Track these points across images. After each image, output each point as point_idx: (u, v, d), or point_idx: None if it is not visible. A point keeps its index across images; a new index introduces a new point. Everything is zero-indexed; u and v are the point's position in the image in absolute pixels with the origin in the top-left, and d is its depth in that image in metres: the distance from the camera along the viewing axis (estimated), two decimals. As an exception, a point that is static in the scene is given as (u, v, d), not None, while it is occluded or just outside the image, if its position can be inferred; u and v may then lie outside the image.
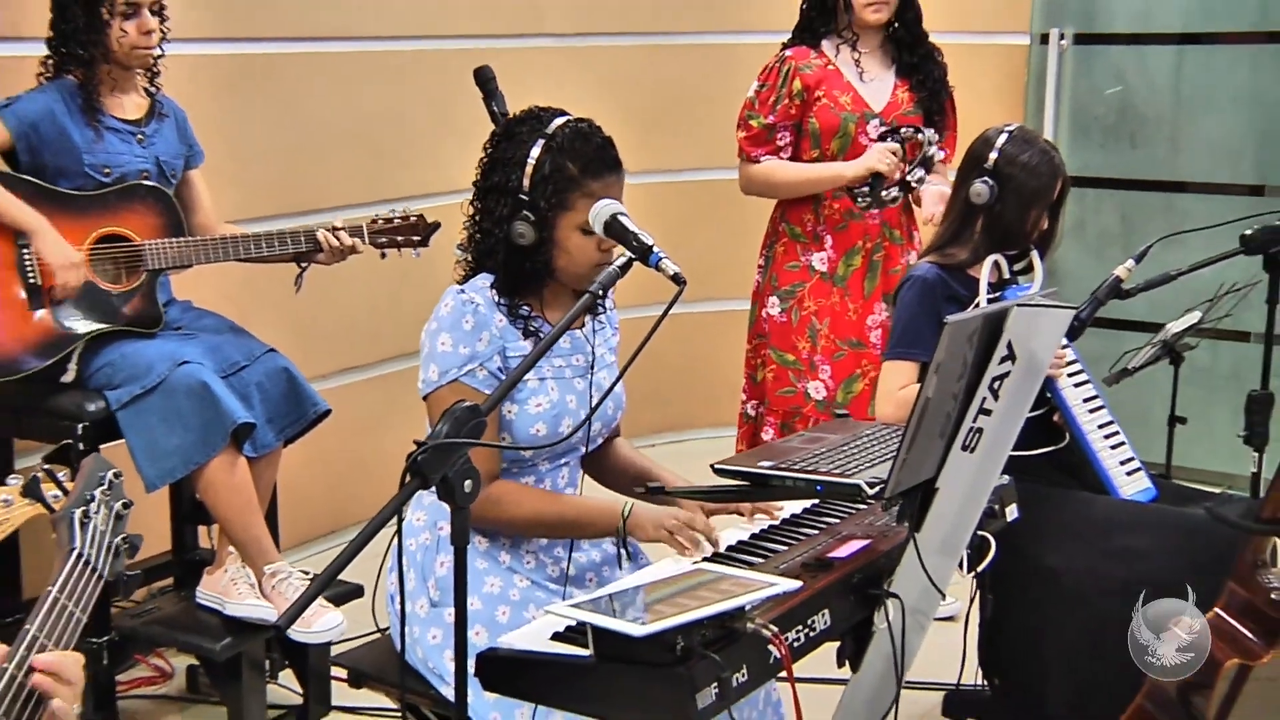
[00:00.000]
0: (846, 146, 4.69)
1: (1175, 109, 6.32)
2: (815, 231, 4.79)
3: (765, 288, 4.90)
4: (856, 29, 4.72)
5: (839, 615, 2.67)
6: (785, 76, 4.72)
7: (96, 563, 2.00)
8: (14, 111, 4.08)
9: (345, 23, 5.38)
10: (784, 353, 4.82)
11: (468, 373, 3.04)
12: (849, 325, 4.78)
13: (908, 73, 4.78)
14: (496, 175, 3.11)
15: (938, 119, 4.79)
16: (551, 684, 2.50)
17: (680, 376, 6.09)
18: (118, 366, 4.02)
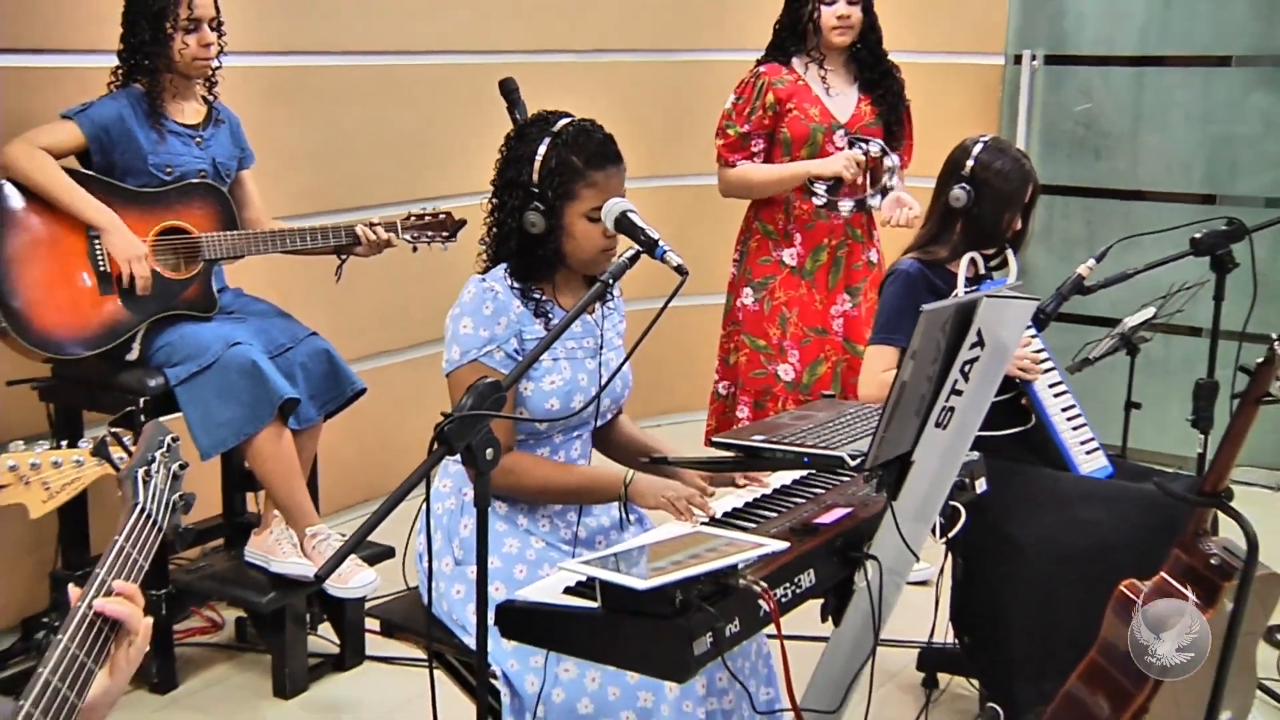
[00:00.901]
0: (815, 154, 4.70)
1: (1134, 125, 6.32)
2: (786, 229, 4.80)
3: (740, 279, 4.91)
4: (824, 49, 4.73)
5: (823, 575, 2.68)
6: (760, 90, 4.73)
7: (157, 516, 2.01)
8: (88, 116, 4.09)
9: (382, 39, 5.38)
10: (756, 338, 4.83)
11: (486, 353, 3.05)
12: (815, 314, 4.79)
13: (869, 88, 4.79)
14: (509, 171, 3.13)
15: (896, 129, 4.80)
16: (563, 633, 2.51)
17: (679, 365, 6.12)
18: (176, 347, 4.04)
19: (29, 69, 4.29)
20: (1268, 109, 6.07)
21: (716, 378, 5.01)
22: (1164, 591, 3.16)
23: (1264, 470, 5.93)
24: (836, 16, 4.65)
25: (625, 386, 3.31)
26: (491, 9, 5.75)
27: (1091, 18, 6.34)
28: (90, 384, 4.11)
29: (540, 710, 2.88)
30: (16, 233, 4.00)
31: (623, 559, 2.48)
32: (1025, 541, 3.63)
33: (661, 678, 2.64)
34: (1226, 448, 3.17)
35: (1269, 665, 4.18)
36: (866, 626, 2.75)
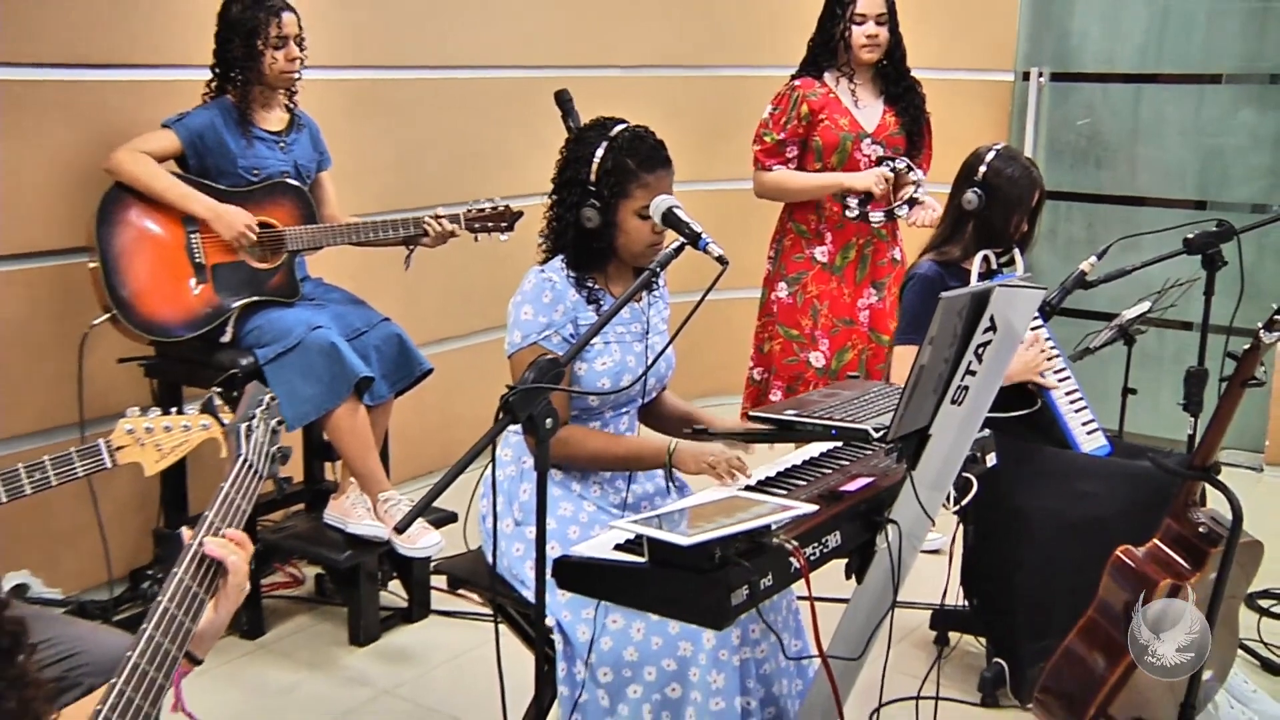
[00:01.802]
0: (844, 160, 4.70)
1: (1133, 136, 6.29)
2: (817, 229, 4.79)
3: (775, 275, 4.90)
4: (853, 65, 4.73)
5: (848, 536, 2.69)
6: (795, 101, 4.72)
7: (258, 465, 2.05)
8: (184, 125, 4.14)
9: (448, 55, 5.40)
10: (790, 328, 4.83)
11: (545, 337, 3.07)
12: (843, 307, 4.79)
13: (893, 101, 4.78)
14: (568, 171, 3.15)
15: (917, 138, 4.80)
16: (614, 585, 2.53)
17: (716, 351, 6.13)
18: (264, 329, 4.08)
19: (133, 82, 4.34)
20: (1254, 123, 6.05)
21: (751, 364, 5.00)
22: (1156, 557, 3.18)
23: (1247, 452, 5.92)
24: (865, 35, 4.66)
25: (669, 367, 3.32)
26: (546, 28, 5.77)
27: (1094, 38, 6.32)
28: (189, 362, 4.15)
29: (591, 657, 2.90)
30: (124, 231, 4.06)
31: (667, 519, 2.50)
32: (1030, 512, 3.64)
33: (702, 625, 2.65)
34: (1215, 426, 3.17)
35: (1250, 627, 4.18)
36: (886, 584, 2.75)
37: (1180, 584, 3.09)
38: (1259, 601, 4.41)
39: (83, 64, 4.22)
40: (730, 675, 2.86)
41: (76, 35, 4.20)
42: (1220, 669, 3.41)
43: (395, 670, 4.05)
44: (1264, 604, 4.41)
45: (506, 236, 4.34)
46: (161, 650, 1.73)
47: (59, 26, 4.15)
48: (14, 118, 4.08)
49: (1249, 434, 5.92)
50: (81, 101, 4.22)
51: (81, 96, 4.22)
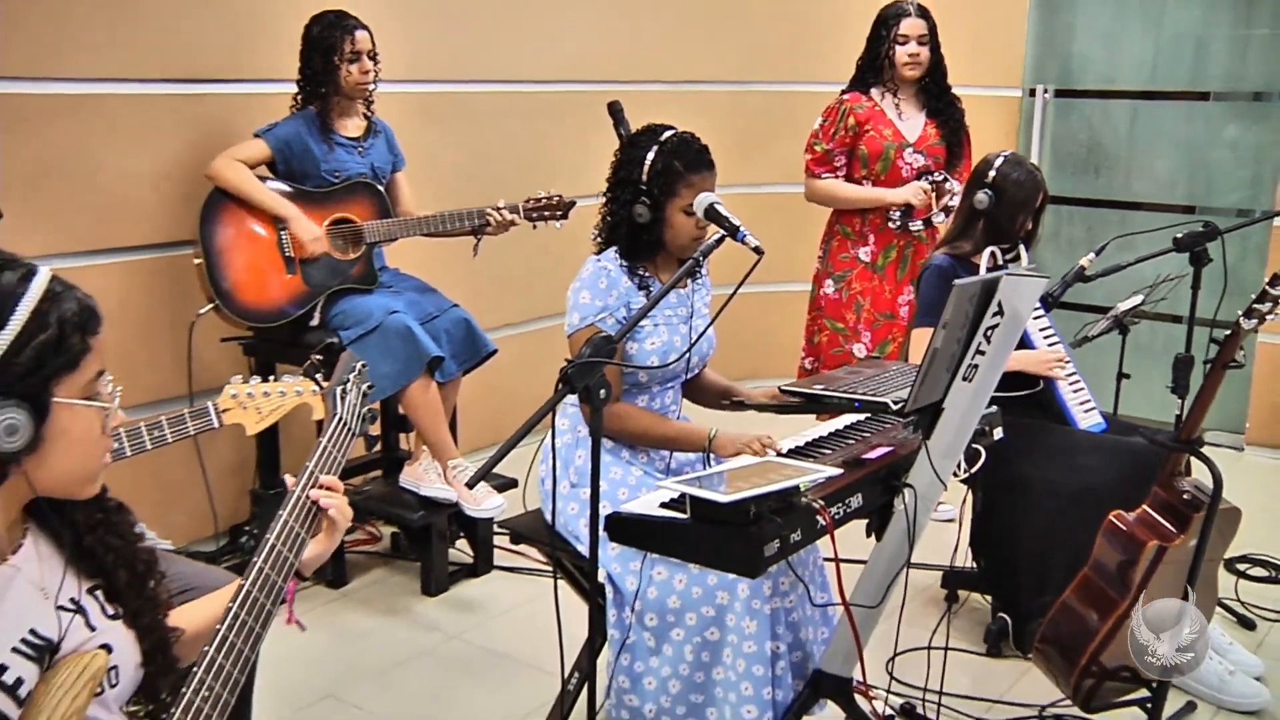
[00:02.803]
0: (887, 168, 4.69)
1: (1129, 148, 6.27)
2: (862, 231, 4.79)
3: (823, 273, 4.90)
4: (897, 81, 4.73)
5: (869, 498, 2.71)
6: (843, 114, 4.73)
7: (351, 424, 2.08)
8: (273, 134, 4.19)
9: (510, 69, 5.42)
10: (836, 322, 4.84)
11: (600, 318, 3.09)
12: (885, 303, 4.79)
13: (934, 114, 4.76)
14: (622, 172, 3.17)
15: (956, 149, 4.77)
16: (659, 538, 2.56)
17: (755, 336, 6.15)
18: (347, 314, 4.12)
19: (230, 95, 4.39)
20: (1238, 137, 6.02)
21: (802, 355, 5.00)
22: (1145, 521, 3.19)
23: (1229, 434, 5.89)
24: (908, 55, 4.66)
25: (710, 347, 3.34)
26: (600, 46, 5.78)
27: (1094, 59, 6.30)
28: (281, 343, 4.20)
29: (637, 604, 2.94)
30: (223, 230, 4.12)
31: (706, 481, 2.52)
32: (1033, 482, 3.64)
33: (738, 573, 2.69)
34: (1199, 403, 3.18)
35: (1229, 588, 4.19)
36: (902, 541, 2.76)
37: (1166, 546, 3.10)
38: (1237, 566, 4.40)
39: (187, 79, 4.28)
40: (762, 622, 2.88)
41: (182, 55, 4.25)
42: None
43: (462, 618, 4.08)
44: (1241, 568, 4.41)
45: (561, 224, 4.36)
46: (268, 580, 1.78)
47: (167, 47, 4.21)
48: (131, 127, 4.14)
49: (1231, 417, 5.89)
50: (186, 113, 4.28)
51: (186, 108, 4.28)
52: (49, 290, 1.58)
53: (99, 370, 1.63)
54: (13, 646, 1.56)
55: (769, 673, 2.90)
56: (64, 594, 1.66)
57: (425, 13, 5.04)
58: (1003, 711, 3.46)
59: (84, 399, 1.61)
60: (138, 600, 1.74)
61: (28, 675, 1.56)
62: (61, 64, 3.95)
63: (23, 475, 1.58)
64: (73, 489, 1.66)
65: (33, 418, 1.54)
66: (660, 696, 2.97)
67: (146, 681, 1.74)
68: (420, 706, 3.51)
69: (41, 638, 1.60)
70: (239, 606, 1.71)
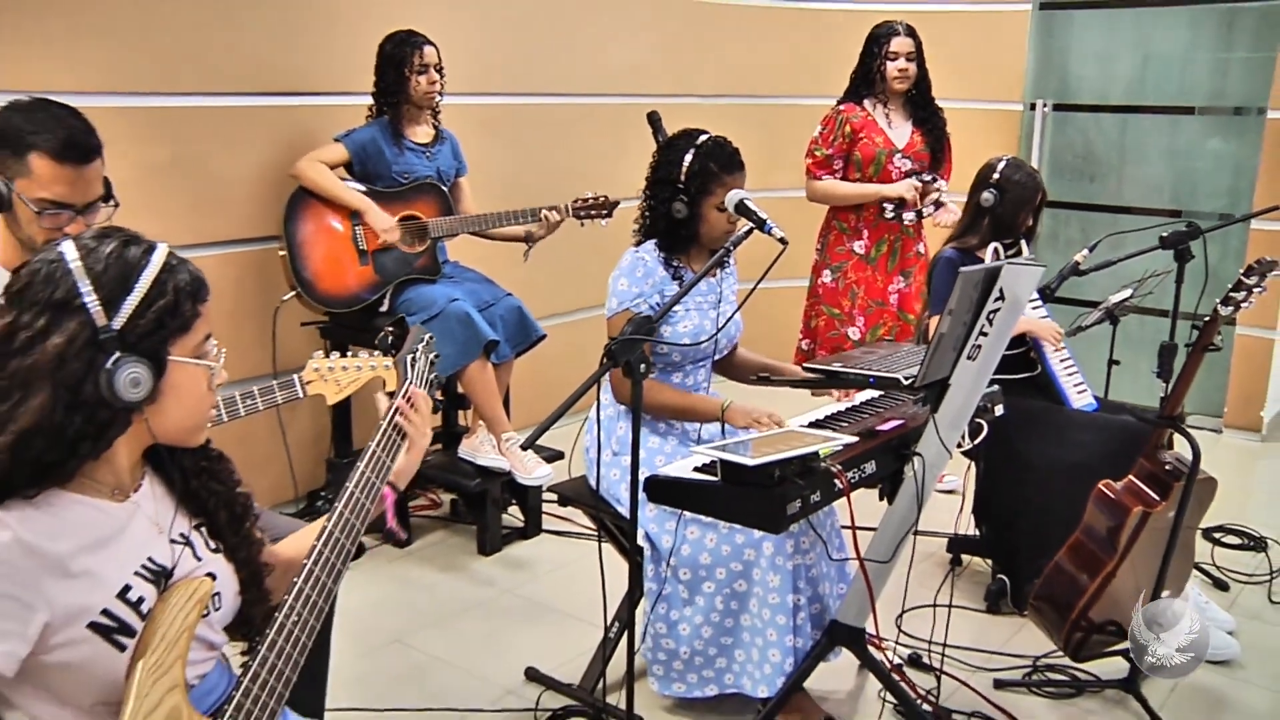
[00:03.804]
0: (879, 171, 4.72)
1: (1120, 157, 6.23)
2: (856, 226, 4.81)
3: (820, 264, 4.92)
4: (887, 94, 4.75)
5: (881, 465, 2.74)
6: (840, 123, 4.75)
7: (422, 388, 2.13)
8: (351, 138, 4.24)
9: (558, 84, 5.45)
10: (832, 308, 4.85)
11: (636, 303, 3.11)
12: (877, 291, 4.81)
13: (920, 123, 4.79)
14: (660, 172, 3.19)
15: (939, 153, 4.81)
16: (693, 498, 2.59)
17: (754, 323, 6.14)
18: (413, 301, 4.16)
19: (313, 106, 4.44)
20: (1220, 148, 5.98)
21: (800, 337, 5.03)
22: (1131, 489, 3.20)
23: (1209, 417, 5.87)
24: (898, 69, 4.68)
25: (737, 330, 3.36)
26: (639, 63, 5.80)
27: (1089, 76, 6.27)
28: (354, 328, 4.23)
29: (672, 560, 2.98)
30: (305, 224, 4.17)
31: (735, 447, 2.55)
32: (1030, 456, 3.65)
33: (763, 530, 2.72)
34: (1181, 382, 3.19)
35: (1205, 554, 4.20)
36: (911, 504, 2.78)
37: (1149, 511, 3.11)
38: (1214, 535, 4.40)
39: (273, 93, 4.33)
40: (784, 577, 2.92)
41: (269, 72, 4.31)
42: (1177, 586, 3.42)
43: (513, 574, 4.12)
44: (1218, 536, 4.41)
45: (606, 222, 4.38)
46: (357, 502, 1.83)
47: (258, 64, 4.26)
48: (225, 134, 4.20)
49: (1210, 402, 5.87)
50: (275, 121, 4.34)
51: (275, 118, 4.33)
52: (167, 263, 1.63)
53: (206, 334, 1.68)
54: (135, 570, 1.62)
55: (790, 622, 2.93)
56: (175, 528, 1.71)
57: (485, 35, 5.07)
58: (1001, 662, 3.47)
59: (194, 358, 1.66)
60: (235, 537, 1.79)
61: (148, 595, 1.62)
62: (173, 80, 4.02)
63: (143, 423, 1.63)
64: (183, 437, 1.71)
65: (152, 373, 1.59)
66: (693, 641, 3.02)
67: (243, 608, 1.79)
68: (476, 651, 3.55)
69: (158, 565, 1.66)
70: (322, 544, 1.76)
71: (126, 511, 1.65)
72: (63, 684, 1.57)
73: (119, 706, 1.55)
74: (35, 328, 1.54)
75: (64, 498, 1.58)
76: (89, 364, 1.55)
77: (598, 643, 3.29)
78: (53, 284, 1.56)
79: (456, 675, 3.40)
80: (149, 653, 1.57)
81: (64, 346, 1.54)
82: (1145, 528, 3.11)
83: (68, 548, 1.55)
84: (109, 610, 1.57)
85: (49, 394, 1.53)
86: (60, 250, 1.59)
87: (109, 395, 1.55)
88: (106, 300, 1.57)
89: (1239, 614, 3.81)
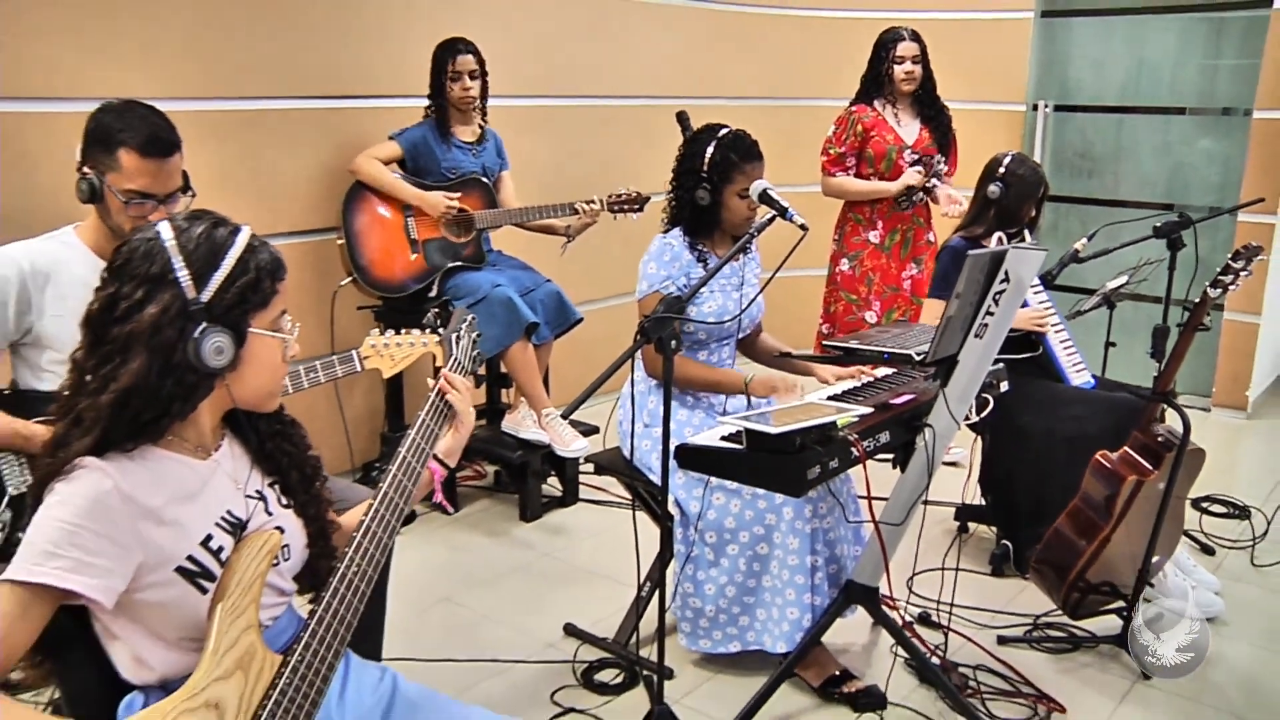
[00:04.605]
0: (890, 166, 4.71)
1: (1116, 154, 6.19)
2: (871, 218, 4.79)
3: (838, 253, 4.91)
4: (895, 94, 4.73)
5: (895, 435, 2.73)
6: (852, 123, 4.74)
7: (464, 363, 2.12)
8: (404, 136, 4.25)
9: (593, 87, 5.44)
10: (850, 294, 4.83)
11: (664, 285, 3.11)
12: (891, 277, 4.80)
13: (927, 120, 4.77)
14: (686, 163, 3.19)
15: (945, 148, 4.79)
16: (721, 463, 2.59)
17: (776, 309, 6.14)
18: (460, 286, 4.16)
19: (369, 109, 4.46)
20: (1209, 146, 5.93)
21: (820, 322, 5.01)
22: (1126, 460, 3.18)
23: (1199, 396, 5.83)
24: (904, 72, 4.66)
25: (759, 311, 3.36)
26: (668, 67, 5.78)
27: (1087, 79, 6.22)
28: (406, 311, 4.23)
29: (699, 524, 2.99)
30: (361, 216, 4.19)
31: (759, 417, 2.55)
32: (1032, 430, 3.62)
33: (785, 493, 2.72)
34: (1173, 360, 3.18)
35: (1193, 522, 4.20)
36: (922, 472, 2.78)
37: (1143, 480, 3.10)
38: (1202, 504, 4.39)
39: (334, 95, 4.35)
40: (803, 539, 2.93)
41: (329, 75, 4.33)
42: (1168, 550, 3.42)
43: (552, 539, 4.14)
44: (1204, 505, 4.40)
45: (638, 216, 4.37)
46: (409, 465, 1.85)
47: (315, 71, 4.28)
48: (289, 134, 4.22)
49: (1200, 383, 5.83)
50: (332, 122, 4.35)
51: (333, 119, 4.35)
52: (250, 243, 1.67)
53: (282, 310, 1.71)
54: (215, 522, 1.66)
55: (809, 581, 2.94)
56: (250, 485, 1.75)
57: (528, 43, 5.08)
58: (1003, 620, 3.46)
59: (271, 331, 1.69)
60: (305, 495, 1.82)
61: (226, 545, 1.66)
62: (240, 87, 4.05)
63: (225, 388, 1.67)
64: (260, 402, 1.74)
65: (234, 342, 1.63)
66: (718, 599, 3.03)
67: (310, 560, 1.82)
68: (518, 609, 3.57)
69: (235, 517, 1.69)
70: (378, 503, 1.78)
71: (209, 468, 1.69)
72: (153, 619, 1.61)
73: (201, 642, 1.59)
74: (134, 298, 1.58)
75: (156, 453, 1.63)
76: (180, 332, 1.59)
77: (630, 601, 3.31)
78: (150, 259, 1.60)
79: (501, 630, 3.43)
80: (227, 596, 1.60)
81: (158, 315, 1.58)
82: (1139, 495, 3.10)
83: (160, 499, 1.60)
84: (193, 556, 1.61)
85: (145, 358, 1.57)
86: (157, 229, 1.63)
87: (196, 361, 1.59)
88: (196, 275, 1.60)
89: (1224, 576, 3.79)
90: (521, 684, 3.11)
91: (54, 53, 3.55)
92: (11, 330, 2.47)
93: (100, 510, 1.52)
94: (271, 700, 1.58)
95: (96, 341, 1.60)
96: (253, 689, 1.58)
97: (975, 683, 3.06)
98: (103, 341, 1.59)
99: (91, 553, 1.50)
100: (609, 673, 3.15)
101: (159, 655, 1.62)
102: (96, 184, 2.49)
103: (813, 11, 6.39)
